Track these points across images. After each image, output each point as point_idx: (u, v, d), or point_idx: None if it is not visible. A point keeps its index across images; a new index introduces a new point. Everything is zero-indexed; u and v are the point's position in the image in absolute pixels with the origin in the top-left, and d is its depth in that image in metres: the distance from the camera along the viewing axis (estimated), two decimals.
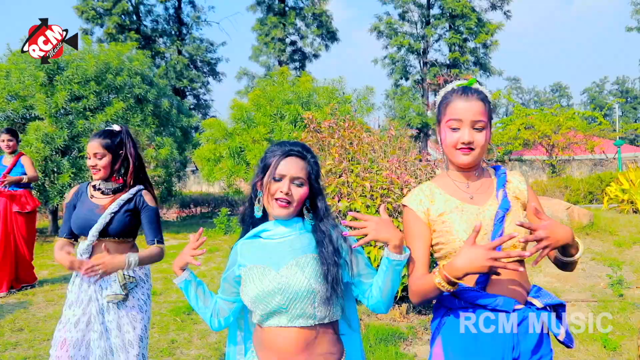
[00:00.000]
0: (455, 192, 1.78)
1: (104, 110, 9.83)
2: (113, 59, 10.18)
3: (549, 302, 1.69)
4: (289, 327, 1.60)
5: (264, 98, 8.41)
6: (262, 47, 26.59)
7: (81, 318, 2.61)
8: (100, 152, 2.67)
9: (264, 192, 1.66)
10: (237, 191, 9.03)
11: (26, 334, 4.66)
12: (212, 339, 4.54)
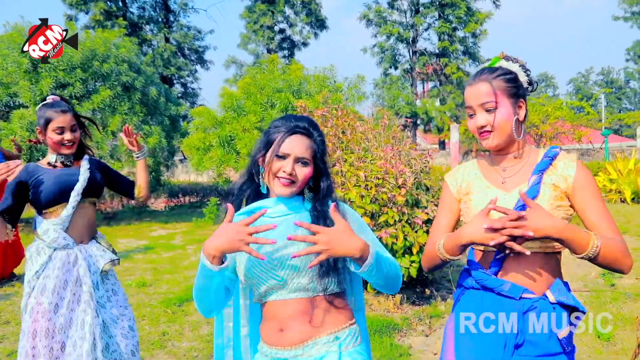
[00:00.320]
0: (490, 174, 1.75)
1: (90, 98, 9.65)
2: (99, 45, 9.99)
3: (564, 301, 1.61)
4: (287, 299, 1.58)
5: (254, 86, 8.28)
6: (250, 35, 26.34)
7: (60, 303, 2.51)
8: (75, 124, 2.61)
9: (265, 169, 1.57)
10: (226, 180, 8.92)
11: (12, 326, 4.56)
12: (203, 331, 4.46)
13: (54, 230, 2.53)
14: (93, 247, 2.64)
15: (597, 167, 14.45)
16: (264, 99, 8.15)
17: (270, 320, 1.61)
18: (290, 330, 1.57)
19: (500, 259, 1.65)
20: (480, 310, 1.67)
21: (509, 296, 1.62)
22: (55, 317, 2.52)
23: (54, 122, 2.57)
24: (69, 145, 2.57)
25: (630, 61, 46.69)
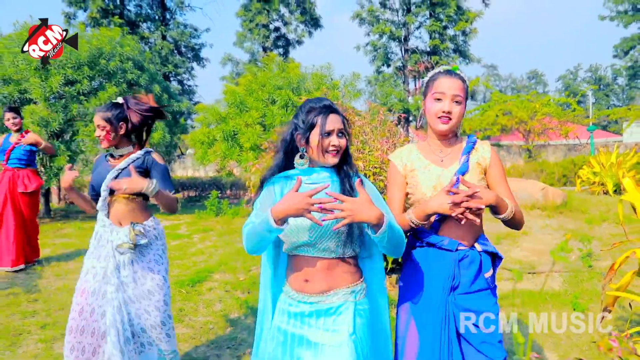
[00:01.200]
0: (429, 155, 2.23)
1: (97, 94, 9.94)
2: (105, 44, 10.26)
3: (488, 249, 2.15)
4: (313, 256, 1.95)
5: (256, 83, 8.64)
6: (246, 33, 26.60)
7: (99, 271, 2.88)
8: (102, 124, 2.96)
9: (314, 148, 1.94)
10: (229, 173, 9.29)
11: (41, 304, 4.91)
12: (217, 308, 4.84)
13: (100, 211, 2.95)
14: (122, 230, 3.00)
15: (582, 161, 14.96)
16: (265, 95, 8.51)
17: (297, 271, 1.98)
18: (315, 281, 1.95)
19: (440, 220, 2.13)
20: (426, 266, 2.14)
21: (447, 249, 2.10)
22: (92, 281, 2.90)
23: (94, 120, 3.00)
24: (101, 141, 2.98)
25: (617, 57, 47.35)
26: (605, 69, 64.73)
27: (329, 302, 1.96)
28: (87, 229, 9.23)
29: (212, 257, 6.76)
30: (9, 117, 6.06)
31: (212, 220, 9.98)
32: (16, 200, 6.05)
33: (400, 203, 2.22)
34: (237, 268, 6.07)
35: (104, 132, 2.99)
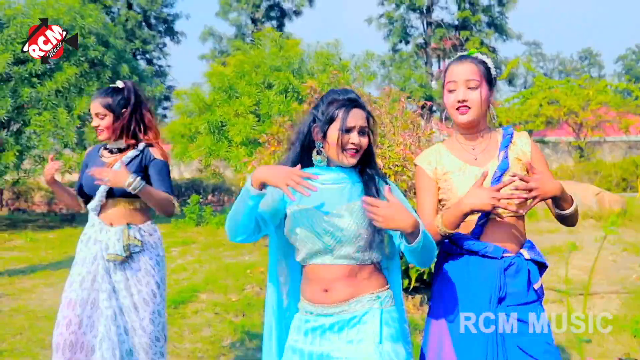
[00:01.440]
0: (461, 154, 2.40)
1: (53, 76, 10.21)
2: (63, 14, 10.53)
3: (536, 258, 2.33)
4: (332, 264, 2.13)
5: (248, 64, 8.87)
6: (232, 2, 26.93)
7: (86, 277, 3.06)
8: (102, 112, 3.10)
9: (330, 144, 2.12)
10: (215, 174, 9.50)
11: None
12: (205, 333, 5.05)
13: (90, 211, 3.14)
14: (112, 232, 3.20)
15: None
16: (260, 78, 8.73)
17: (315, 281, 2.16)
18: (335, 290, 2.13)
19: (482, 225, 2.30)
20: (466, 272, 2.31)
21: (491, 256, 2.26)
22: (79, 290, 3.11)
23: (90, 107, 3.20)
24: (99, 132, 3.15)
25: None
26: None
27: (352, 310, 2.14)
28: (39, 240, 9.48)
29: (197, 274, 6.97)
30: None
31: (192, 230, 10.21)
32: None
33: (432, 210, 2.39)
34: (227, 287, 6.29)
35: (104, 122, 3.16)
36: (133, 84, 3.27)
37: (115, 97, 3.17)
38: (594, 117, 20.83)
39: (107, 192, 3.11)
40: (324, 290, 2.15)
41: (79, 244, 3.17)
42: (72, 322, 3.04)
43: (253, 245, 8.72)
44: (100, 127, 3.11)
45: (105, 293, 3.08)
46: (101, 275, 3.09)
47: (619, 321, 5.09)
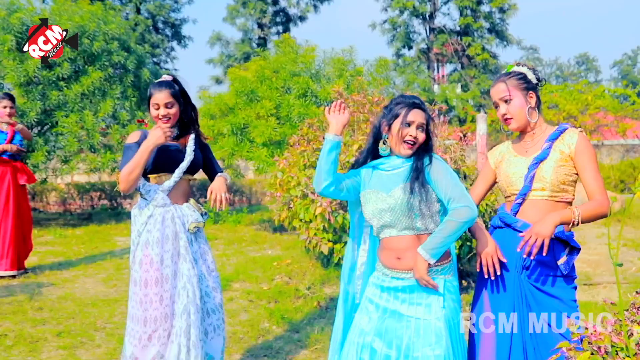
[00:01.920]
0: (518, 148, 2.94)
1: (79, 80, 10.58)
2: (89, 21, 10.92)
3: (559, 235, 2.72)
4: (399, 236, 2.63)
5: (268, 69, 9.29)
6: (239, 7, 27.35)
7: (165, 255, 3.50)
8: (171, 101, 3.49)
9: (394, 135, 2.63)
10: (236, 173, 9.92)
11: (47, 312, 5.54)
12: (243, 318, 5.47)
13: (155, 192, 3.55)
14: (185, 207, 3.65)
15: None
16: (280, 83, 9.15)
17: (388, 250, 2.68)
18: (406, 258, 2.62)
19: (519, 204, 2.82)
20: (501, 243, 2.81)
21: (521, 230, 2.74)
22: (162, 268, 3.54)
23: (152, 98, 3.54)
24: (165, 120, 3.54)
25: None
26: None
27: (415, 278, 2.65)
28: (68, 236, 9.89)
29: (225, 266, 7.38)
30: (5, 104, 6.66)
31: (212, 227, 10.60)
32: (18, 194, 6.73)
33: (480, 191, 3.03)
34: (258, 277, 6.71)
35: (173, 110, 3.56)
36: (174, 78, 3.65)
37: (174, 88, 3.56)
38: (593, 122, 21.23)
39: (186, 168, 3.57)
40: (396, 258, 2.65)
41: (144, 226, 3.51)
42: (164, 297, 3.47)
43: (274, 240, 9.17)
44: (169, 114, 3.45)
45: (189, 263, 3.52)
46: (184, 248, 3.53)
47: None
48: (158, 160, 3.53)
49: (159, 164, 3.53)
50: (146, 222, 3.55)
